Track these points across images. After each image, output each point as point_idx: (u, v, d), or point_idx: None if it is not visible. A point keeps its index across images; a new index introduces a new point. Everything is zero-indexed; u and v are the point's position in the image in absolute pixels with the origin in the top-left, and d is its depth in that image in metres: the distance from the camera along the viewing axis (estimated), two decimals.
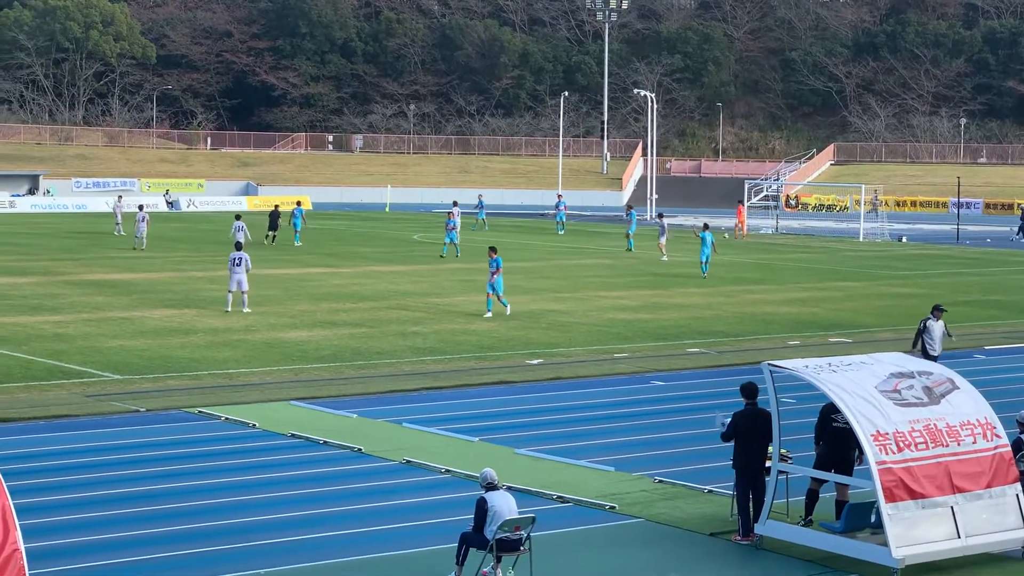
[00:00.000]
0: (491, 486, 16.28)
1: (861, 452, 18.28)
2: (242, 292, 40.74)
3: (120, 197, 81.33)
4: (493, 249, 41.11)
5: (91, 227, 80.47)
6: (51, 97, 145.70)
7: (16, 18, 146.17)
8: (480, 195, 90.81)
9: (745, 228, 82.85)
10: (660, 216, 71.29)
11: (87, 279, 49.86)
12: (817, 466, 18.65)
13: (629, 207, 74.80)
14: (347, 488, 20.86)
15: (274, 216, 71.06)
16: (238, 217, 61.62)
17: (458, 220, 71.64)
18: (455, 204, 74.42)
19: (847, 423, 18.17)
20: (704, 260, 54.14)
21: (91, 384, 28.97)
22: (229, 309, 40.39)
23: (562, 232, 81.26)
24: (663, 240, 64.65)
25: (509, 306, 40.87)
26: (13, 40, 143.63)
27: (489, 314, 40.21)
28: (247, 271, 40.94)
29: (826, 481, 18.63)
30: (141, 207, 68.25)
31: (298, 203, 74.59)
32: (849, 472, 18.46)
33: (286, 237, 69.36)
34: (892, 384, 17.74)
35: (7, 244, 67.00)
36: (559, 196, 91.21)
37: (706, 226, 57.09)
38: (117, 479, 21.12)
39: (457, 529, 17.06)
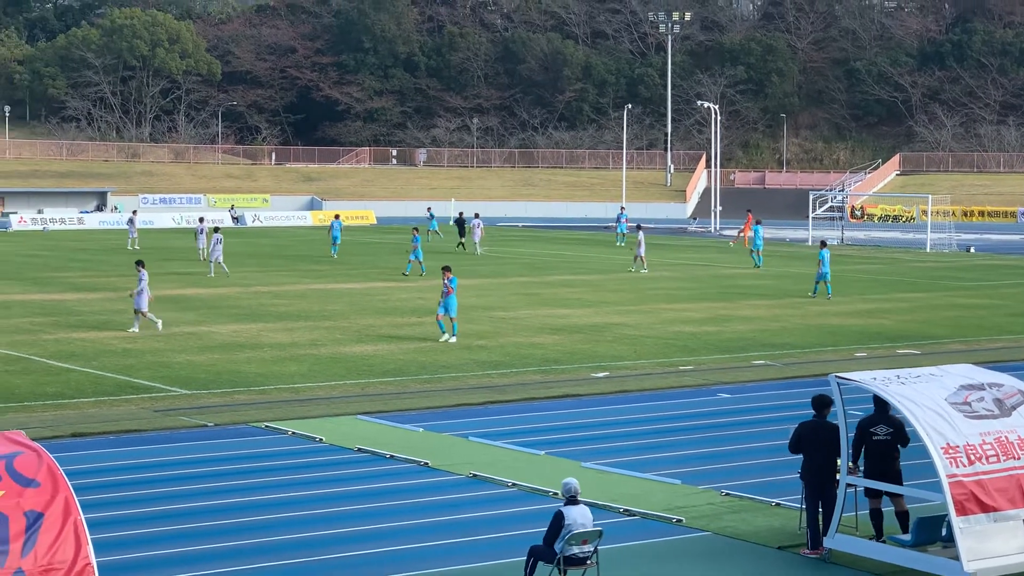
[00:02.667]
0: (572, 499, 16.17)
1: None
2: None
3: (200, 219, 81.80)
4: (448, 268, 39.27)
5: (158, 243, 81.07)
6: (118, 114, 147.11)
7: (84, 37, 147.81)
8: (429, 207, 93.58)
9: (747, 237, 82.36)
10: (638, 228, 68.63)
11: (154, 294, 50.12)
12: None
13: (758, 221, 71.16)
14: (414, 502, 20.87)
15: (460, 223, 76.09)
16: (216, 230, 61.87)
17: (479, 231, 72.71)
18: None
19: (888, 435, 18.02)
20: (820, 280, 51.12)
21: (159, 399, 29.16)
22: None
23: (622, 244, 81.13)
24: (642, 252, 63.40)
25: (457, 334, 38.03)
26: (81, 59, 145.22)
27: (445, 337, 37.84)
28: None
29: (882, 497, 18.40)
30: (217, 229, 63.28)
31: (336, 216, 75.56)
32: (898, 483, 18.25)
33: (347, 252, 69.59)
34: (962, 396, 17.56)
35: (76, 260, 67.66)
36: (621, 208, 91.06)
37: (824, 243, 54.09)
38: (186, 493, 21.23)
39: (523, 543, 17.04)
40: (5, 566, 11.22)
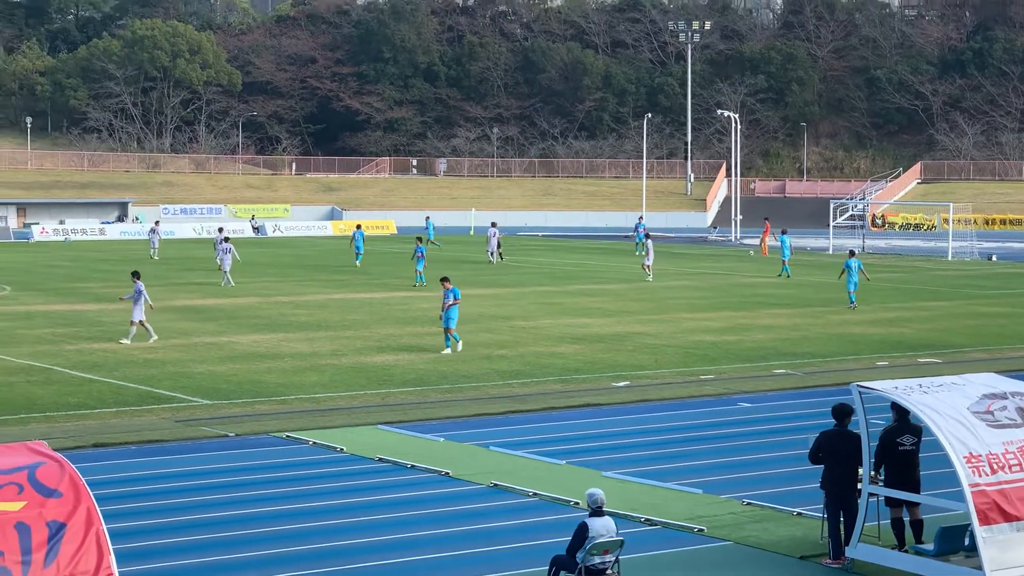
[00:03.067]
0: (597, 511, 16.15)
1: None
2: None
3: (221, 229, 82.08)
4: (446, 279, 38.67)
5: (179, 253, 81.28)
6: (139, 125, 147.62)
7: (106, 48, 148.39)
8: (428, 216, 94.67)
9: (766, 245, 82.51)
10: (647, 236, 68.61)
11: (175, 305, 50.35)
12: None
13: (784, 231, 70.12)
14: (435, 512, 20.87)
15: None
16: (226, 240, 61.88)
17: (496, 240, 72.72)
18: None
19: (913, 444, 17.96)
20: (852, 289, 50.71)
21: (181, 409, 29.23)
22: None
23: (641, 253, 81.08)
24: (650, 261, 63.77)
25: (460, 342, 37.71)
26: (103, 70, 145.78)
27: (448, 350, 37.37)
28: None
29: (903, 506, 18.34)
30: (227, 239, 62.91)
31: (358, 226, 75.77)
32: (916, 492, 18.18)
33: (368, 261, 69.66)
34: (985, 405, 17.49)
35: (97, 271, 67.86)
36: (640, 218, 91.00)
37: (852, 253, 53.86)
38: (207, 503, 21.27)
39: (545, 552, 17.03)
40: None
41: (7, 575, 11.17)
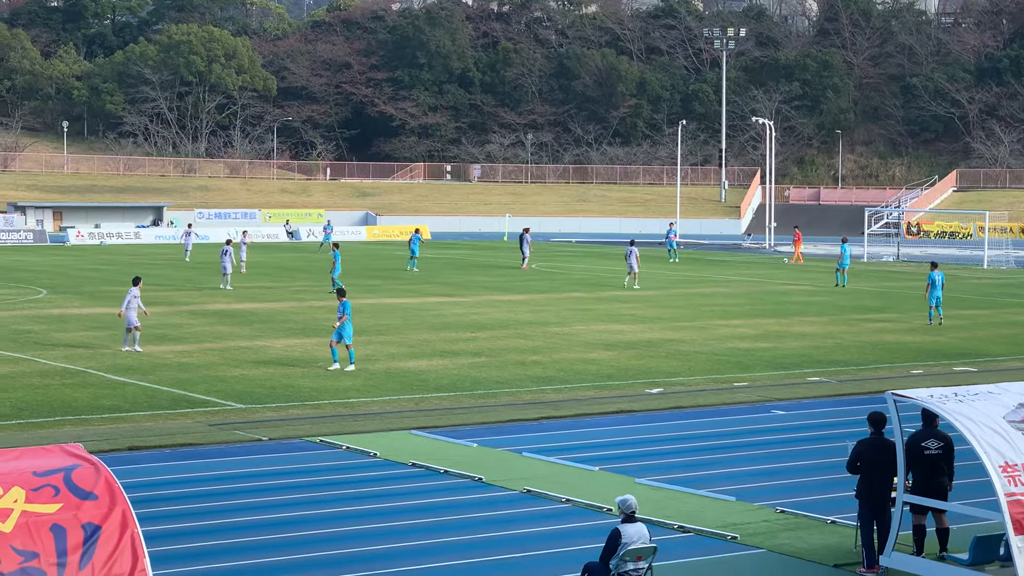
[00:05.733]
0: (630, 517, 16.12)
1: (951, 478, 17.99)
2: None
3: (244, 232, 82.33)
4: (341, 292, 37.01)
5: (213, 257, 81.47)
6: (175, 130, 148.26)
7: (142, 53, 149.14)
8: (328, 219, 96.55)
9: (799, 253, 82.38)
10: (631, 243, 65.73)
11: (210, 309, 50.53)
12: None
13: (844, 239, 68.45)
14: (467, 517, 20.88)
15: (522, 239, 74.70)
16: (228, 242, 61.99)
17: (527, 248, 72.56)
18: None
19: (939, 449, 17.87)
20: (934, 305, 47.47)
21: (215, 413, 29.31)
22: None
23: (675, 260, 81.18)
24: (636, 268, 62.20)
25: (354, 363, 35.37)
26: (139, 75, 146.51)
27: (336, 365, 35.22)
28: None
29: (927, 513, 18.26)
30: (228, 241, 62.74)
31: (416, 231, 76.05)
32: (944, 499, 18.10)
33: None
34: (1020, 414, 17.38)
35: (132, 275, 68.04)
36: (671, 224, 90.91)
37: (934, 265, 48.94)
38: (240, 507, 21.32)
39: (577, 559, 17.01)
40: None
41: None
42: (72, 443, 12.89)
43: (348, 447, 25.85)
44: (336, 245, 61.99)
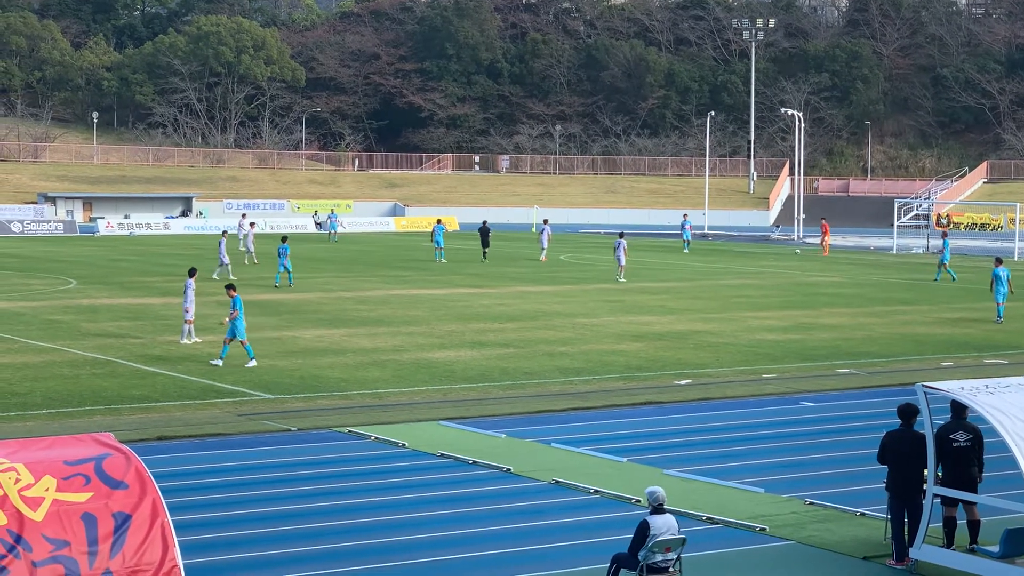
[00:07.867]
0: (658, 508, 16.08)
1: (981, 469, 17.90)
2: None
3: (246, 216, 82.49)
4: (231, 287, 36.29)
5: (240, 247, 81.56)
6: (204, 120, 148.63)
7: (171, 44, 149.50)
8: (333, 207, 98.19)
9: (827, 246, 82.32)
10: (620, 235, 63.86)
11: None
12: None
13: (944, 234, 66.96)
14: (496, 508, 20.89)
15: (484, 232, 73.79)
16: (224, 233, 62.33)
17: (545, 238, 72.33)
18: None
19: (968, 441, 17.78)
20: (1000, 301, 46.03)
21: (243, 403, 29.38)
22: None
23: (687, 251, 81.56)
24: (623, 261, 60.79)
25: (253, 358, 34.47)
26: (168, 66, 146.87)
27: (219, 362, 34.22)
28: None
29: (958, 505, 18.16)
30: (224, 232, 63.64)
31: (439, 221, 76.22)
32: (974, 491, 18.00)
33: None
34: None
35: (161, 265, 68.35)
36: (685, 216, 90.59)
37: (999, 260, 47.50)
38: (269, 497, 21.37)
39: (605, 550, 16.99)
40: (94, 567, 11.35)
41: (74, 565, 11.27)
42: (103, 432, 12.94)
43: (377, 437, 25.87)
44: (284, 238, 59.02)
